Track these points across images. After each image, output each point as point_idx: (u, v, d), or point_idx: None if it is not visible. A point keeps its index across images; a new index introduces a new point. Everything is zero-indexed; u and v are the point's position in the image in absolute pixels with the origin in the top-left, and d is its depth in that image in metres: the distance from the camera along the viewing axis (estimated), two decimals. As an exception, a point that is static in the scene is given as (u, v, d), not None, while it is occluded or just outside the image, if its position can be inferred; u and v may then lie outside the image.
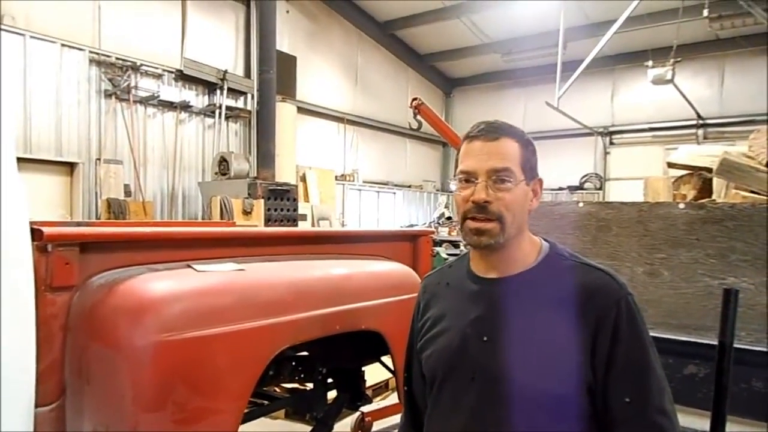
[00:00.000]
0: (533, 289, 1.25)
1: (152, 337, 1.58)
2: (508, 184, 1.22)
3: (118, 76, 8.60)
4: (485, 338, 1.25)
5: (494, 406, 1.22)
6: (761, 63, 12.44)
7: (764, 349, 1.94)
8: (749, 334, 1.96)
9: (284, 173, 10.38)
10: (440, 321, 1.36)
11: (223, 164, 9.28)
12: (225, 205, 8.23)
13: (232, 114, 10.55)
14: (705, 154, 3.09)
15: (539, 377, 1.18)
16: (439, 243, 10.60)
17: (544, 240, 1.34)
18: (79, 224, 4.17)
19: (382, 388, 4.99)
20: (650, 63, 9.89)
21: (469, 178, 1.25)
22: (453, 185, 1.98)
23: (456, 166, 1.31)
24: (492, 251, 1.27)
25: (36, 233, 1.53)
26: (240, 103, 10.86)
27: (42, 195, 7.89)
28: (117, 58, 8.65)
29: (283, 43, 11.53)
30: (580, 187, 15.29)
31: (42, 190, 7.92)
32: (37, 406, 1.53)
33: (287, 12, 11.93)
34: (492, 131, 1.26)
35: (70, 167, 8.23)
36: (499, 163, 1.22)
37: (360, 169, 14.30)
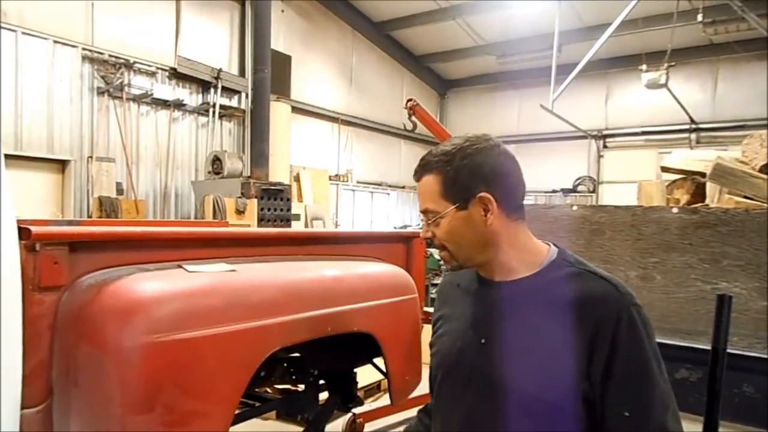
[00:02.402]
0: (533, 294, 1.24)
1: (142, 339, 1.56)
2: (438, 220, 1.28)
3: (111, 74, 8.53)
4: (483, 341, 1.26)
5: (488, 409, 1.22)
6: (754, 68, 12.53)
7: (755, 354, 1.94)
8: (741, 339, 1.97)
9: (278, 173, 10.34)
10: (448, 321, 1.39)
11: (216, 163, 9.24)
12: (218, 205, 8.19)
13: (226, 113, 10.50)
14: (698, 158, 3.11)
15: (531, 382, 1.17)
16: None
17: (554, 245, 1.32)
18: (70, 222, 4.14)
19: (374, 389, 4.98)
20: (644, 67, 9.92)
21: None
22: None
23: None
24: (477, 266, 1.33)
25: (24, 232, 1.51)
26: (234, 102, 10.81)
27: (33, 193, 7.83)
28: (110, 56, 8.59)
29: (278, 42, 11.49)
30: (574, 190, 15.33)
31: (33, 187, 7.85)
32: (23, 407, 1.50)
33: (282, 11, 11.90)
34: (417, 171, 1.32)
35: (61, 165, 8.17)
36: (422, 204, 1.31)
37: (354, 170, 14.27)
